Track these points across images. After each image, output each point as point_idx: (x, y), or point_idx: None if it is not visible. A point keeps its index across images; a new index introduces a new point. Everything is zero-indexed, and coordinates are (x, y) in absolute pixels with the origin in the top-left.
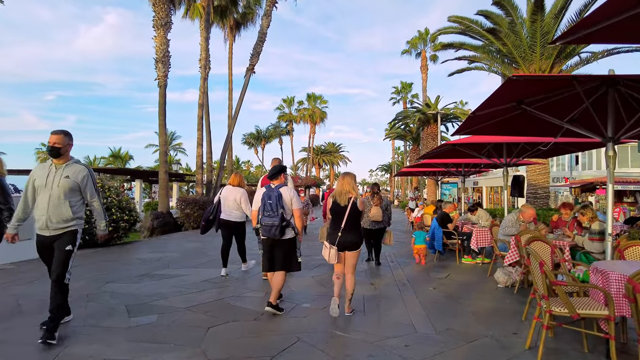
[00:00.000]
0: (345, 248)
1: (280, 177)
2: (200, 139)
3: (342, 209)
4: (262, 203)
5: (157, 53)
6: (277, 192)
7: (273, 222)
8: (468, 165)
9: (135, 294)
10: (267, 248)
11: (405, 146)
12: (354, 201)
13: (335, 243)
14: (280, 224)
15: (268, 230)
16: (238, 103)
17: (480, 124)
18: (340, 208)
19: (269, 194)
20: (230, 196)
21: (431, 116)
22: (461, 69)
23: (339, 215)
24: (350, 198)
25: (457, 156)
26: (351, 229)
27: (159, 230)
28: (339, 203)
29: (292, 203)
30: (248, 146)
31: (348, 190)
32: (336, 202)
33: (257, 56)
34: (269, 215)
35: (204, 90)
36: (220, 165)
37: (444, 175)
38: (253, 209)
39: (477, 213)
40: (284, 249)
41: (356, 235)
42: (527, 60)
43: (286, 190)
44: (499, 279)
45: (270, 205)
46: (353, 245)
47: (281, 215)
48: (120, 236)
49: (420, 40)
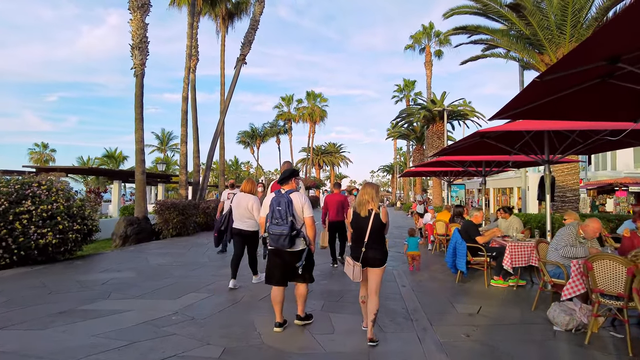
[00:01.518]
0: (368, 264)
1: (291, 182)
2: (184, 135)
3: (364, 221)
4: (270, 209)
5: (134, 38)
6: (287, 198)
7: (282, 231)
8: (489, 163)
9: (24, 354)
10: (274, 259)
11: (408, 146)
12: (376, 213)
13: (360, 259)
14: (290, 233)
15: (276, 239)
16: (228, 95)
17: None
18: (362, 220)
19: (278, 200)
20: (242, 204)
21: (437, 113)
22: (475, 56)
23: (361, 228)
24: (370, 210)
25: (479, 152)
26: (375, 244)
27: (133, 239)
28: (359, 214)
29: (303, 210)
30: (243, 145)
31: (367, 200)
32: (356, 213)
33: (248, 45)
34: (277, 223)
35: (188, 82)
36: (207, 164)
37: (458, 175)
38: (261, 216)
39: (509, 219)
40: (292, 261)
41: (380, 251)
42: (554, 44)
43: (297, 197)
44: (557, 319)
45: (279, 212)
46: (377, 261)
47: (291, 224)
48: (70, 250)
49: (425, 35)
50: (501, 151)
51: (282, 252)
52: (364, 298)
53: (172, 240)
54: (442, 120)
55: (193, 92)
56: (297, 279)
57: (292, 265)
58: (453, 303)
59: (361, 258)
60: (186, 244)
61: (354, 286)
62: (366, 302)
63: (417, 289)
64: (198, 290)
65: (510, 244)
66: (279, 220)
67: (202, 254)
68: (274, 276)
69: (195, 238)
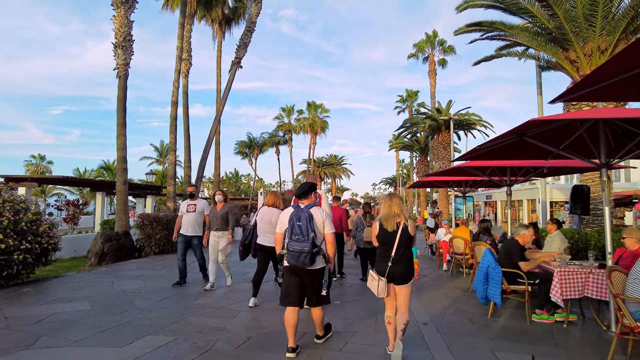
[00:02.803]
0: (394, 280)
1: (310, 196)
2: (172, 143)
3: (391, 235)
4: (289, 225)
5: (117, 37)
6: (307, 213)
7: (303, 247)
8: (516, 171)
9: None
10: (291, 278)
11: (411, 157)
12: (405, 226)
13: (385, 274)
14: (311, 250)
15: (296, 257)
16: (222, 99)
17: None
18: (389, 234)
19: (299, 214)
20: (266, 218)
21: (442, 123)
22: (490, 55)
23: (387, 243)
24: (399, 223)
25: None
26: (402, 259)
27: (111, 257)
28: (386, 228)
29: (324, 226)
30: (241, 156)
31: (397, 213)
32: (383, 228)
33: (244, 48)
34: (297, 239)
35: (178, 85)
36: (198, 174)
37: (475, 185)
38: (277, 232)
39: (552, 234)
40: (315, 280)
41: (407, 267)
42: (581, 38)
43: (318, 212)
44: None
45: (300, 228)
46: (403, 278)
47: (312, 240)
48: (17, 274)
49: (428, 44)
50: (536, 154)
51: (301, 270)
52: (390, 318)
53: (154, 259)
54: (448, 129)
55: (185, 97)
56: (312, 301)
57: (310, 285)
58: (494, 351)
59: (387, 273)
60: (168, 263)
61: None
62: (392, 323)
63: (443, 329)
64: (158, 331)
65: (559, 270)
66: (300, 237)
67: None
68: (289, 296)
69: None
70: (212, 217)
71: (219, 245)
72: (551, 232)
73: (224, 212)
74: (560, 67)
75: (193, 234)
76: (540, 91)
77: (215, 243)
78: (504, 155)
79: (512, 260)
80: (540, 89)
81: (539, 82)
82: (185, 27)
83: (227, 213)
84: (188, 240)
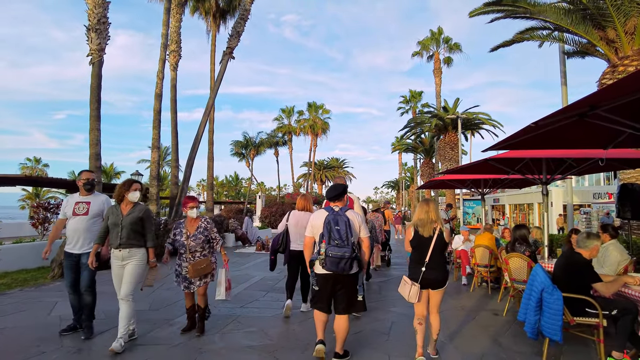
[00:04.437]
0: (429, 286)
1: (343, 199)
2: (155, 140)
3: (426, 241)
4: (325, 229)
5: (90, 18)
6: (345, 217)
7: (344, 253)
8: (552, 165)
9: None
10: (326, 285)
11: (415, 160)
12: (441, 232)
13: (419, 280)
14: (352, 256)
15: (336, 263)
16: (212, 92)
17: None
18: (424, 240)
19: (336, 218)
20: (300, 223)
21: (449, 122)
22: (510, 40)
23: (422, 248)
24: (435, 228)
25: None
26: (436, 264)
27: None
28: (422, 234)
29: (360, 230)
30: (238, 158)
31: (434, 219)
32: (419, 233)
33: (237, 37)
34: (337, 244)
35: (163, 76)
36: (185, 175)
37: (494, 186)
38: (308, 236)
39: (605, 244)
40: (347, 286)
41: (442, 272)
42: (622, 12)
43: (354, 215)
44: None
45: (339, 233)
46: (437, 283)
47: (352, 246)
48: None
49: (433, 41)
50: (591, 142)
51: (338, 276)
52: (421, 320)
53: None
54: (455, 129)
55: (173, 91)
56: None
57: (342, 290)
58: None
59: (420, 279)
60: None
61: None
62: (423, 324)
63: None
64: None
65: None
66: (340, 242)
67: (146, 295)
68: (321, 301)
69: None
70: (113, 225)
71: (126, 275)
72: (604, 241)
73: (136, 216)
74: (594, 49)
75: (85, 251)
76: (565, 81)
77: (119, 270)
78: (543, 143)
79: (586, 281)
80: (565, 78)
81: (563, 70)
82: (175, 17)
83: (140, 219)
84: (77, 260)
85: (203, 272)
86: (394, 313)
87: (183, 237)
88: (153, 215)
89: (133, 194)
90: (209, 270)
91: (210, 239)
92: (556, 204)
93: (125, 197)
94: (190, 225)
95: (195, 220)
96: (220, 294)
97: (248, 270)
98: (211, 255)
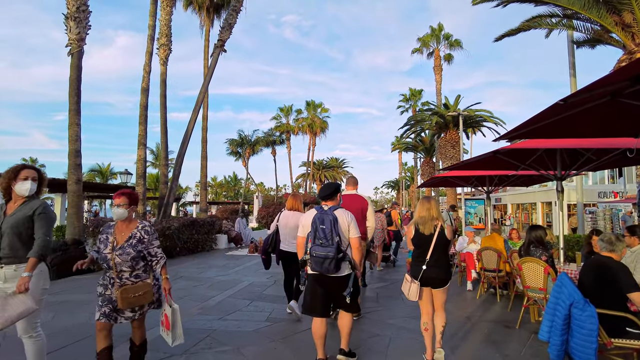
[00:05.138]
0: (430, 284)
1: (335, 198)
2: (142, 136)
3: (427, 239)
4: (312, 228)
5: (69, 6)
6: (332, 215)
7: (327, 253)
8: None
9: None
10: (315, 286)
11: (415, 159)
12: (441, 229)
13: (419, 278)
14: (336, 256)
15: (320, 263)
16: (203, 86)
17: None
18: (425, 237)
19: (322, 217)
20: (291, 223)
21: (450, 119)
22: (515, 28)
23: (423, 246)
24: (436, 226)
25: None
26: (438, 262)
27: (54, 271)
28: (422, 232)
29: (349, 230)
30: (235, 157)
31: (435, 216)
32: (419, 231)
33: (229, 29)
34: (322, 244)
35: (149, 69)
36: (175, 173)
37: (500, 183)
38: (300, 236)
39: (635, 248)
40: (337, 288)
41: (444, 270)
42: None
43: (343, 214)
44: None
45: (324, 232)
46: (440, 281)
47: (337, 245)
48: None
49: (433, 38)
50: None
51: (325, 277)
52: (427, 325)
53: None
54: (457, 127)
55: (163, 86)
56: (339, 306)
57: (335, 293)
58: None
59: (420, 276)
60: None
61: None
62: (429, 330)
63: None
64: None
65: None
66: (324, 241)
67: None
68: (315, 308)
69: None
70: None
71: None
72: (632, 245)
73: (22, 217)
74: (607, 36)
75: None
76: (574, 72)
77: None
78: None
79: (617, 295)
80: (574, 69)
81: (572, 61)
82: (165, 9)
83: (27, 219)
84: None
85: (138, 303)
86: (393, 327)
87: (107, 249)
88: (53, 215)
89: (21, 184)
90: (148, 299)
91: (147, 255)
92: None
93: (13, 190)
94: (120, 232)
95: (128, 226)
96: (177, 336)
97: (237, 274)
98: (151, 278)
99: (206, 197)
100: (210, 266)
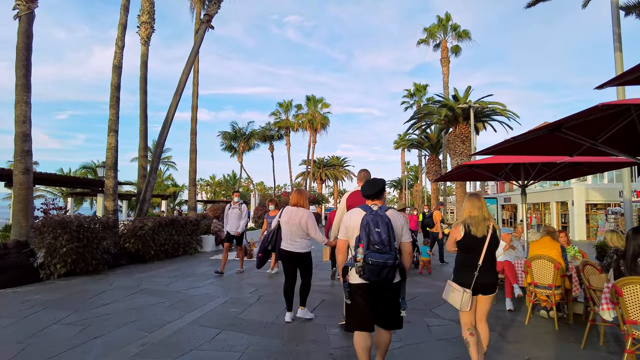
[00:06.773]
0: (480, 291)
1: (382, 196)
2: (112, 121)
3: (480, 242)
4: (363, 231)
5: None
6: (386, 217)
7: (386, 260)
8: None
9: None
10: (365, 297)
11: (420, 157)
12: (494, 230)
13: (471, 286)
14: (394, 264)
15: (377, 272)
16: (187, 66)
17: None
18: (477, 240)
19: (375, 219)
20: (295, 220)
21: (460, 112)
22: None
23: (474, 250)
24: (489, 227)
25: None
26: (489, 267)
27: None
28: (474, 234)
29: (402, 234)
30: (230, 152)
31: (487, 216)
32: (471, 233)
33: (217, 3)
34: (379, 250)
35: (122, 44)
36: (152, 166)
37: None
38: (342, 239)
39: None
40: (390, 298)
41: (494, 274)
42: None
43: (396, 216)
44: None
45: (380, 236)
46: (491, 287)
47: (395, 252)
48: None
49: (440, 28)
50: None
51: (377, 287)
52: (472, 329)
53: (53, 285)
54: (467, 120)
55: (144, 68)
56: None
57: (385, 303)
58: None
59: (473, 284)
60: (62, 294)
61: None
62: (475, 334)
63: None
64: None
65: None
66: (380, 247)
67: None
68: (364, 322)
69: (96, 281)
70: None
71: None
72: None
73: None
74: None
75: None
76: (620, 46)
77: None
78: None
79: None
80: (620, 42)
81: (617, 32)
82: None
83: None
84: None
85: None
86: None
87: None
88: None
89: None
90: None
91: None
92: (578, 203)
93: None
94: None
95: None
96: None
97: (213, 286)
98: None
99: (195, 194)
100: (186, 275)
